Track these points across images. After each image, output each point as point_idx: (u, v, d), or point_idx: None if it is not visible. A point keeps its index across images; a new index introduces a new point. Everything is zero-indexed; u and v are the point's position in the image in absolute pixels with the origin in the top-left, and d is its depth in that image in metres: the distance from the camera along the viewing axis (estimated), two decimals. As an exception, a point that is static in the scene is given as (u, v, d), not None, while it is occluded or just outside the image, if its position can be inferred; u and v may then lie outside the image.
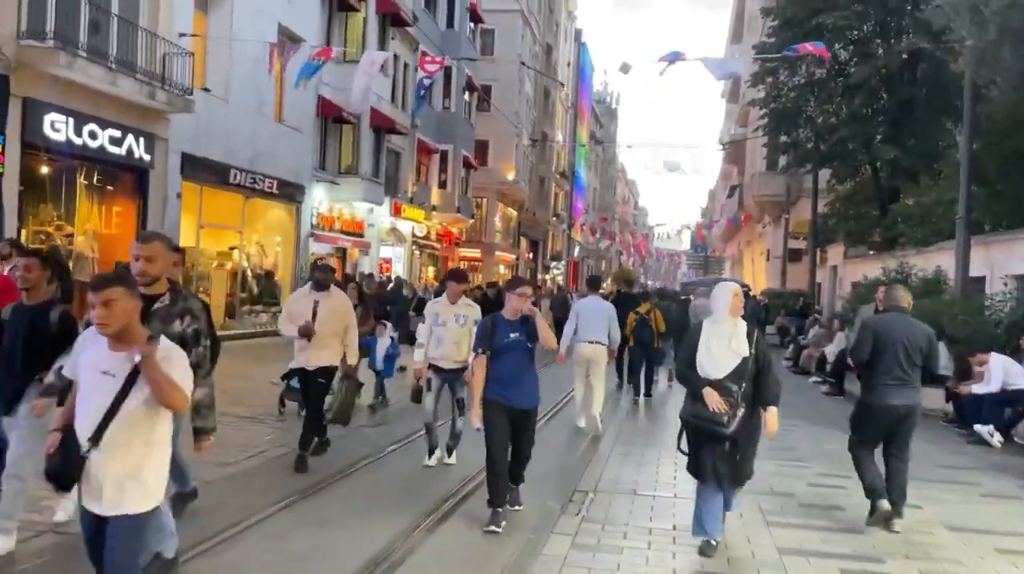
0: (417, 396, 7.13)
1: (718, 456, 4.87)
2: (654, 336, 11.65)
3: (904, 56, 21.48)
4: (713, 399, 4.75)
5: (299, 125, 20.43)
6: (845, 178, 24.73)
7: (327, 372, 6.74)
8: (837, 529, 5.72)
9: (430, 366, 6.81)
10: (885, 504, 5.57)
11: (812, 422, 10.36)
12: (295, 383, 7.67)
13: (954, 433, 9.85)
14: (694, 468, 5.04)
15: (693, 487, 6.35)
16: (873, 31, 22.59)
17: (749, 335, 4.90)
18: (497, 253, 41.87)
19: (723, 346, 4.86)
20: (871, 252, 23.55)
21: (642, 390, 11.73)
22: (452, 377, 6.75)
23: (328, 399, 6.88)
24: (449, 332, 6.67)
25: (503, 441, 5.31)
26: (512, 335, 5.31)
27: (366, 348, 9.26)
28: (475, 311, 6.77)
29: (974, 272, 13.15)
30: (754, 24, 39.94)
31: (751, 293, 27.53)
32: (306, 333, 6.58)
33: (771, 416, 4.88)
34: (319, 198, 21.67)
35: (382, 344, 9.84)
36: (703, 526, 5.03)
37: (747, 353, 4.83)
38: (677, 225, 72.09)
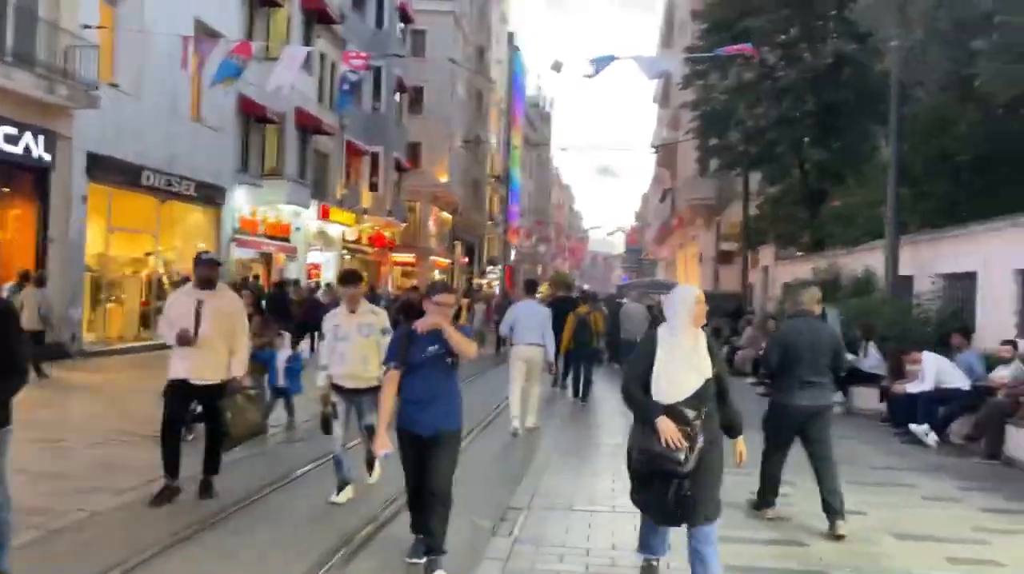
0: (328, 426, 6.17)
1: (671, 496, 3.99)
2: (593, 337, 11.89)
3: (830, 60, 21.80)
4: (669, 431, 3.88)
5: (219, 124, 19.51)
6: (775, 180, 24.99)
7: (215, 391, 5.81)
8: (784, 541, 5.42)
9: (335, 387, 5.95)
10: (770, 514, 5.86)
11: (752, 427, 10.10)
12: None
13: (889, 433, 9.78)
14: (643, 506, 4.25)
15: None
16: (800, 35, 22.89)
17: (710, 349, 4.13)
18: (432, 258, 41.26)
19: (684, 364, 4.01)
20: (799, 254, 23.87)
21: (580, 393, 11.85)
22: (360, 399, 5.95)
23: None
24: (353, 346, 5.84)
25: (418, 469, 4.60)
26: (431, 348, 4.50)
27: (264, 364, 8.36)
28: (381, 319, 6.02)
29: (903, 271, 13.24)
30: (684, 28, 40.37)
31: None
32: (184, 340, 5.64)
33: (741, 445, 4.31)
34: (241, 201, 20.77)
35: (280, 357, 8.63)
36: (647, 543, 4.62)
37: (710, 372, 4.04)
38: (611, 228, 72.62)
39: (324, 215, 25.00)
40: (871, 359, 11.68)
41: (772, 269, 25.14)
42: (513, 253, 70.22)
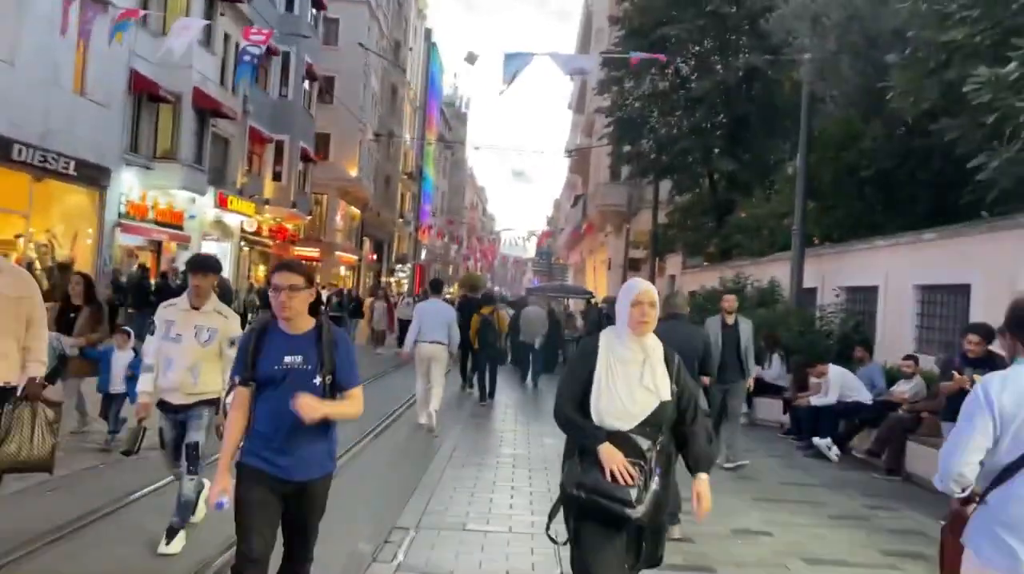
0: (135, 443, 5.03)
1: (619, 548, 3.08)
2: (497, 337, 12.18)
3: (741, 73, 22.13)
4: (616, 463, 2.97)
5: (106, 100, 18.08)
6: (685, 189, 25.22)
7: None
8: (686, 568, 5.03)
9: (160, 404, 4.80)
10: (676, 533, 5.39)
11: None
12: None
13: (792, 446, 9.68)
14: (581, 568, 3.10)
15: (532, 522, 5.54)
16: (713, 47, 23.16)
17: (668, 362, 3.19)
18: (338, 253, 39.99)
19: (632, 381, 3.10)
20: (706, 263, 24.13)
21: (486, 392, 11.99)
22: (185, 417, 4.72)
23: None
24: (184, 352, 4.65)
25: (265, 532, 3.17)
26: (289, 359, 3.18)
27: (96, 363, 7.18)
28: (230, 324, 4.78)
29: (807, 283, 13.33)
30: (601, 35, 40.54)
31: (593, 301, 27.61)
32: None
33: (703, 486, 3.19)
34: (129, 184, 19.33)
35: (121, 359, 7.25)
36: None
37: (668, 393, 3.11)
38: (524, 232, 72.66)
39: (222, 203, 23.65)
40: (775, 370, 11.64)
41: (679, 278, 25.33)
42: (424, 252, 69.30)
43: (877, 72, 10.29)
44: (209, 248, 25.47)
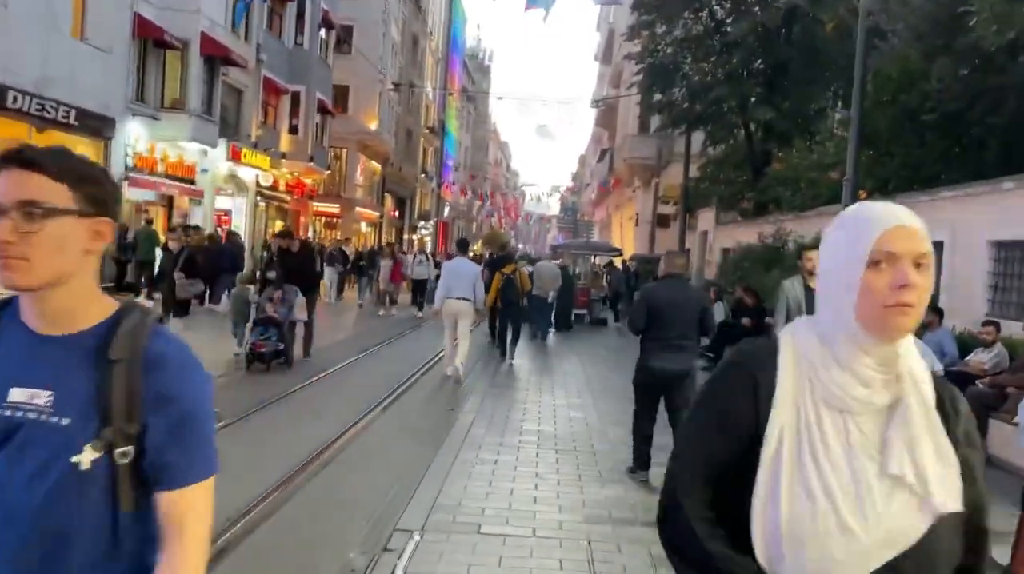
0: None
1: None
2: (519, 295, 12.01)
3: (781, 14, 20.65)
4: None
5: (108, 46, 17.11)
6: (719, 140, 23.90)
7: None
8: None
9: None
10: (643, 476, 5.58)
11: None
12: None
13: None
14: None
15: (559, 522, 4.67)
16: (751, -13, 21.66)
17: (946, 406, 1.28)
18: (358, 209, 39.08)
19: (864, 459, 1.20)
20: (740, 219, 22.93)
21: (507, 351, 11.76)
22: None
23: None
24: None
25: None
26: (20, 395, 1.26)
27: None
28: None
29: (858, 239, 12.20)
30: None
31: (619, 258, 26.56)
32: None
33: None
34: (136, 135, 18.47)
35: None
36: None
37: (954, 497, 1.21)
38: (548, 188, 71.26)
39: (235, 156, 22.73)
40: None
41: (712, 233, 24.16)
42: (447, 209, 68.25)
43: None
44: (223, 203, 24.74)
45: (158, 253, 17.01)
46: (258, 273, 15.55)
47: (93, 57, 16.60)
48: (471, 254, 15.02)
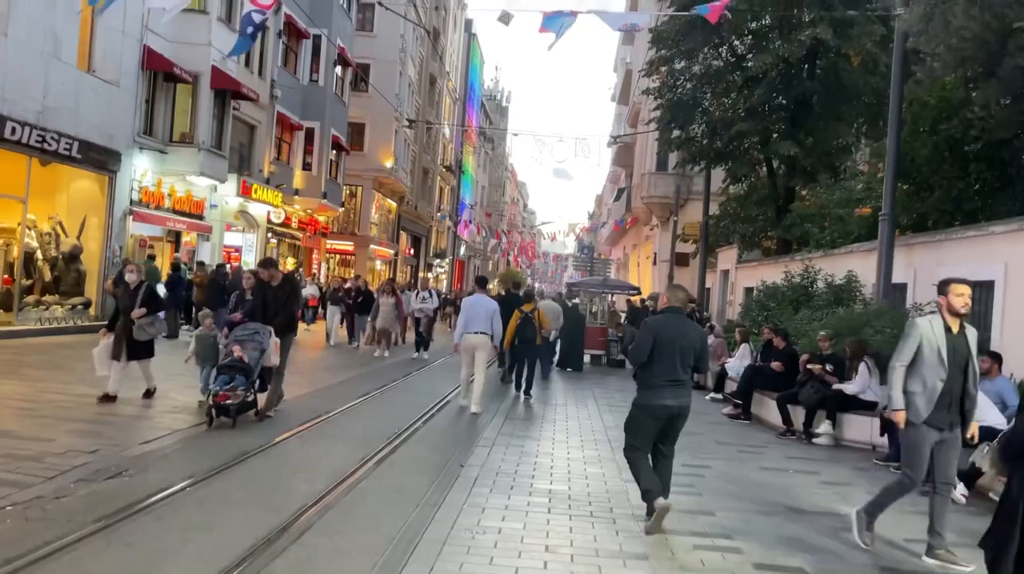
0: None
1: None
2: (537, 333, 11.91)
3: (806, 47, 20.09)
4: None
5: (115, 78, 16.82)
6: (740, 177, 23.21)
7: None
8: None
9: None
10: (663, 501, 5.34)
11: (722, 457, 8.16)
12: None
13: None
14: None
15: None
16: (773, 22, 21.16)
17: None
18: (373, 247, 38.69)
19: None
20: (762, 257, 22.13)
21: (525, 388, 11.89)
22: None
23: None
24: None
25: None
26: None
27: None
28: None
29: (896, 278, 11.38)
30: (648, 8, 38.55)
31: (637, 297, 25.77)
32: None
33: None
34: (142, 169, 18.07)
35: None
36: None
37: None
38: (565, 227, 70.83)
39: (245, 192, 22.33)
40: (861, 381, 9.73)
41: (734, 273, 23.34)
42: (463, 248, 67.92)
43: (998, 19, 8.34)
44: (233, 239, 24.31)
45: (160, 289, 16.49)
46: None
47: (99, 89, 16.28)
48: (489, 289, 15.46)
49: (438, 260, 57.80)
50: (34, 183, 15.25)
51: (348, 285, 18.40)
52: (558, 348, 16.51)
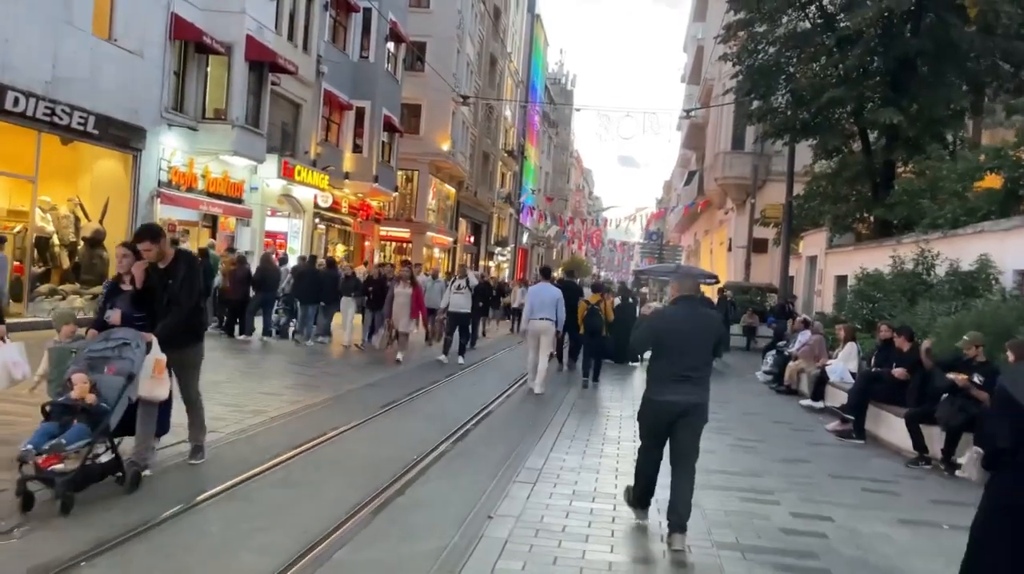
0: None
1: None
2: (603, 325, 11.94)
3: (911, 2, 17.47)
4: None
5: (138, 48, 15.47)
6: (832, 151, 20.65)
7: None
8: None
9: None
10: (643, 521, 5.15)
11: (845, 503, 6.03)
12: None
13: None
14: None
15: None
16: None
17: None
18: (430, 234, 37.18)
19: None
20: (859, 242, 19.58)
21: (592, 376, 12.01)
22: None
23: None
24: None
25: None
26: None
27: None
28: None
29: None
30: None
31: (719, 288, 23.53)
32: None
33: None
34: (171, 147, 16.74)
35: None
36: None
37: None
38: (631, 211, 68.21)
39: (287, 174, 20.90)
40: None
41: (823, 259, 20.80)
42: (526, 235, 66.06)
43: None
44: (278, 225, 22.99)
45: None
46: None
47: (120, 59, 14.94)
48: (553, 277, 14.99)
49: (499, 248, 56.09)
50: (54, 163, 14.03)
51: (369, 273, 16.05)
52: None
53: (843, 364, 11.04)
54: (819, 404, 10.95)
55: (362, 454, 6.66)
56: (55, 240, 14.45)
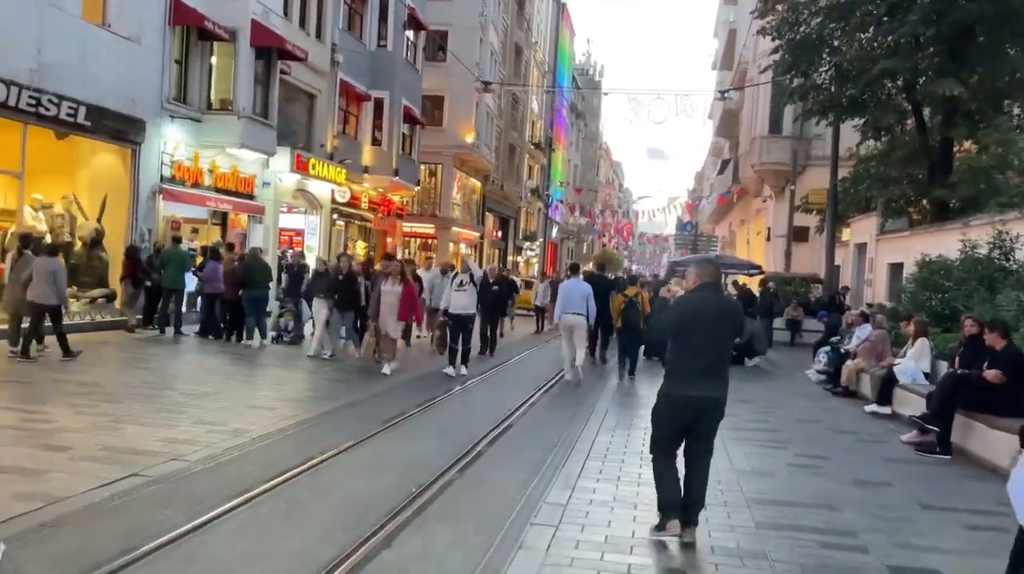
0: None
1: None
2: (640, 317, 11.74)
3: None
4: None
5: (135, 34, 14.53)
6: (882, 130, 19.10)
7: None
8: None
9: None
10: (676, 526, 4.55)
11: (949, 548, 4.72)
12: None
13: None
14: None
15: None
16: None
17: None
18: (455, 229, 36.09)
19: None
20: (914, 226, 18.04)
21: (629, 370, 11.93)
22: None
23: None
24: None
25: None
26: None
27: None
28: None
29: None
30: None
31: (761, 278, 22.11)
32: None
33: None
34: (174, 140, 15.80)
35: None
36: None
37: None
38: (663, 202, 66.46)
39: (300, 167, 19.88)
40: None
41: (872, 246, 19.28)
42: (555, 229, 64.75)
43: None
44: (294, 222, 22.04)
45: (189, 280, 14.19)
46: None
47: (114, 46, 14.01)
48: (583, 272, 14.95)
49: (528, 243, 54.90)
50: (47, 158, 13.18)
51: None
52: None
53: (914, 363, 9.68)
54: (887, 410, 9.59)
55: (348, 488, 5.52)
56: (47, 240, 13.54)
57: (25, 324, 10.00)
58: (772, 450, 7.48)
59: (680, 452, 4.83)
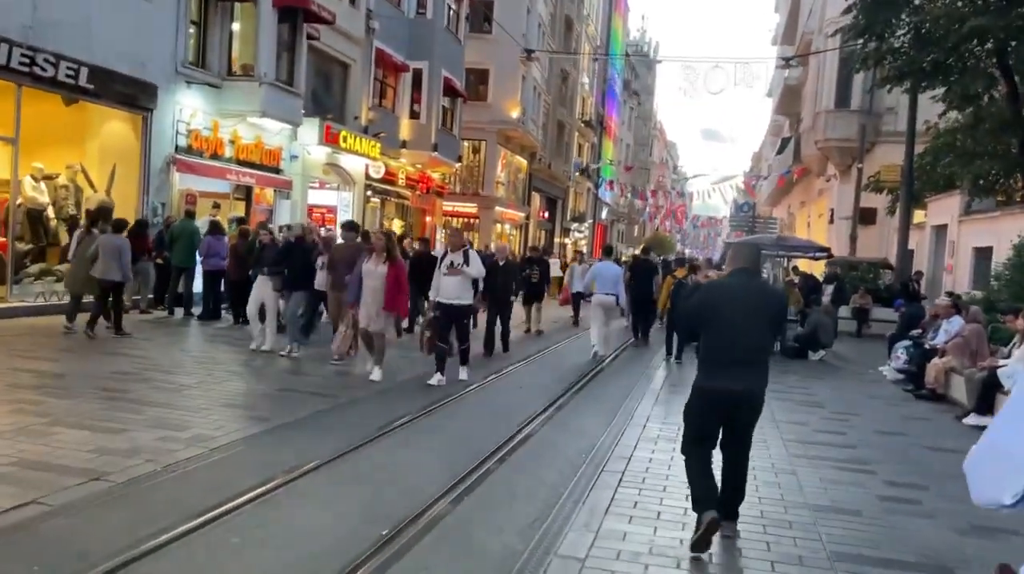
0: None
1: None
2: None
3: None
4: None
5: (146, -9, 13.50)
6: (970, 98, 17.09)
7: None
8: None
9: None
10: (711, 514, 4.14)
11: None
12: None
13: None
14: None
15: None
16: None
17: None
18: (499, 208, 34.75)
19: None
20: (1006, 206, 16.11)
21: (673, 353, 12.04)
22: None
23: None
24: None
25: None
26: None
27: None
28: None
29: None
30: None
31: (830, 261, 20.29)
32: None
33: None
34: (191, 108, 14.78)
35: None
36: None
37: None
38: (718, 179, 63.87)
39: (330, 140, 18.77)
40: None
41: (954, 228, 17.36)
42: (605, 211, 62.97)
43: None
44: (325, 198, 20.99)
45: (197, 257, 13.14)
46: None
47: (122, 4, 12.99)
48: (615, 257, 14.71)
49: (576, 224, 53.28)
50: (50, 124, 12.26)
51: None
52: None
53: (1020, 365, 8.06)
54: (989, 421, 7.98)
55: (307, 523, 4.27)
56: (50, 213, 12.67)
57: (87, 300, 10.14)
58: (854, 475, 6.02)
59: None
